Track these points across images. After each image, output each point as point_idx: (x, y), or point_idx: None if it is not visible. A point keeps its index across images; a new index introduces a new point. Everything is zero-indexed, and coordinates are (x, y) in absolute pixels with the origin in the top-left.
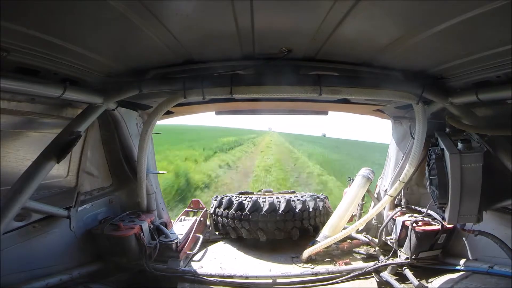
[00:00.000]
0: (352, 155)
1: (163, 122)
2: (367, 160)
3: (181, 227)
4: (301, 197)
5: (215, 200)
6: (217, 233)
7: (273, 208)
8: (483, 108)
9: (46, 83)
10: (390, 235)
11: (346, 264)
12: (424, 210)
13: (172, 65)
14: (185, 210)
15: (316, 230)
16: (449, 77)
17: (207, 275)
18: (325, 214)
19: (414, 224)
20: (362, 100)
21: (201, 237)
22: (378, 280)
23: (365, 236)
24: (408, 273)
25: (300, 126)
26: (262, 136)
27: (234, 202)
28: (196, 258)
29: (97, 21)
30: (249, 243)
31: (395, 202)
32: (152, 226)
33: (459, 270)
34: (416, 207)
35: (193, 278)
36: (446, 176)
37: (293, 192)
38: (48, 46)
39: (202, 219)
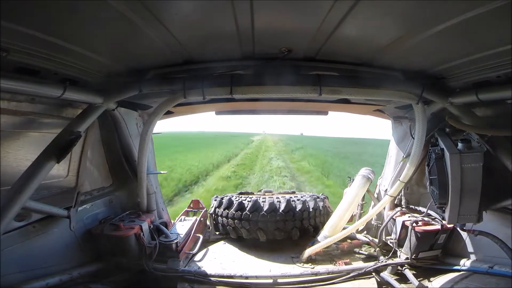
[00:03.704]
0: (302, 143)
1: None
2: (305, 144)
3: (181, 227)
4: (301, 197)
5: (215, 200)
6: (217, 233)
7: (273, 208)
8: (483, 108)
9: (46, 83)
10: (390, 235)
11: (346, 264)
12: (424, 210)
13: (172, 65)
14: (185, 210)
15: (316, 230)
16: (449, 77)
17: (207, 275)
18: (325, 214)
19: (414, 224)
20: (362, 100)
21: (201, 237)
22: (378, 280)
23: (365, 236)
24: (408, 273)
25: (289, 127)
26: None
27: (234, 202)
28: (196, 258)
29: (97, 21)
30: (249, 243)
31: (395, 202)
32: (152, 226)
33: (459, 270)
34: (416, 207)
35: (193, 278)
36: (446, 176)
37: (293, 192)
38: (48, 46)
39: (202, 219)
